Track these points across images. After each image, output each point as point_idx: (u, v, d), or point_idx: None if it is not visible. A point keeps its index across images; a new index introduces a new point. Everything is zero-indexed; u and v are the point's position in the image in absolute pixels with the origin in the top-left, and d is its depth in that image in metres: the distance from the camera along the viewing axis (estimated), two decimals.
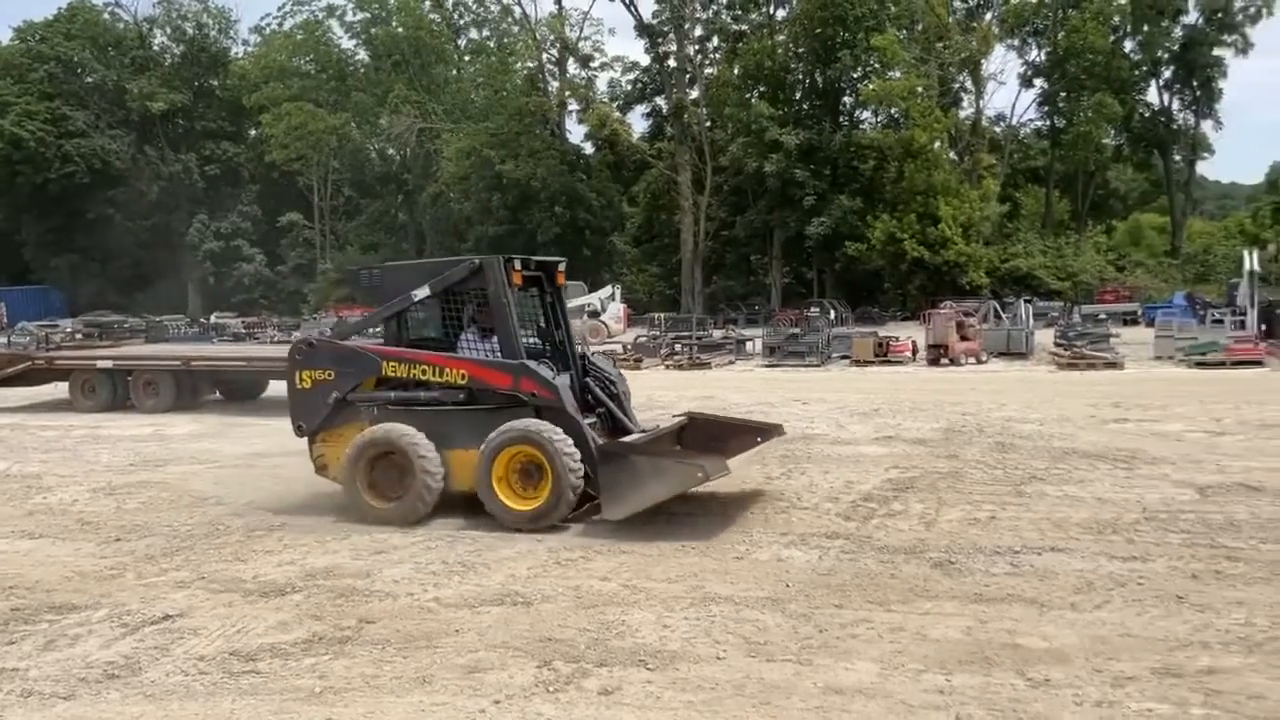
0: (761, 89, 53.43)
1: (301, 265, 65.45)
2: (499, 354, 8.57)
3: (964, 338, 24.47)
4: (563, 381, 8.48)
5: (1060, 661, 5.04)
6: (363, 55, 65.58)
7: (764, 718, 4.56)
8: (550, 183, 53.72)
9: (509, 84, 60.90)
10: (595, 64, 60.15)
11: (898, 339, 25.94)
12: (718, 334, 33.23)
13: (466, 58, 67.33)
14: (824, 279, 53.46)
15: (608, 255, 58.44)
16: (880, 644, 5.37)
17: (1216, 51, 52.80)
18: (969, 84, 52.78)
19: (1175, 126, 55.79)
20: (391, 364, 8.68)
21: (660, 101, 59.20)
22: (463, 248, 60.26)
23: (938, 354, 23.99)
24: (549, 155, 55.09)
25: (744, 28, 55.69)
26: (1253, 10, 51.68)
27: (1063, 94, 52.03)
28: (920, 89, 47.17)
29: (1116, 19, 51.88)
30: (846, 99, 54.60)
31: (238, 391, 19.26)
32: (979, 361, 23.99)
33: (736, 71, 54.70)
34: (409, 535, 8.06)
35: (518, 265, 8.64)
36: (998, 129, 55.68)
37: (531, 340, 9.13)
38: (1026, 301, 33.17)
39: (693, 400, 16.35)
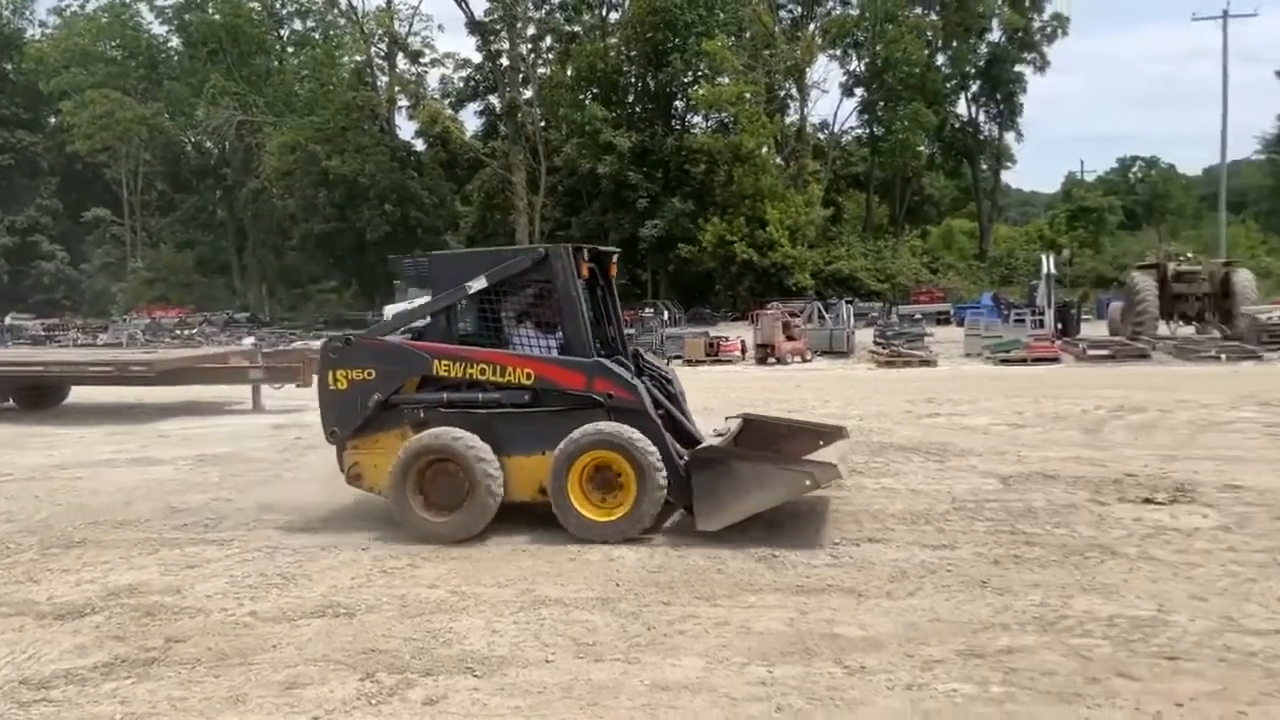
0: (595, 91, 53.81)
1: (110, 264, 61.78)
2: (563, 351, 7.95)
3: (790, 337, 25.34)
4: (640, 381, 7.89)
5: (875, 648, 5.25)
6: (176, 42, 62.17)
7: (592, 719, 4.56)
8: (380, 179, 52.49)
9: (335, 78, 58.99)
10: (425, 60, 59.29)
11: (728, 339, 26.60)
12: None
13: (290, 49, 64.83)
14: (658, 280, 54.28)
15: None
16: (706, 639, 5.45)
17: (1018, 68, 56.98)
18: (794, 91, 54.83)
19: (982, 137, 59.83)
20: (443, 363, 7.83)
21: (493, 100, 58.76)
22: (287, 245, 58.09)
23: (765, 353, 24.72)
24: (378, 151, 53.82)
25: (577, 29, 55.95)
26: (1049, 30, 56.35)
27: (881, 103, 54.79)
28: (748, 95, 48.58)
29: (930, 34, 54.96)
30: (678, 103, 55.75)
31: (36, 399, 17.94)
32: (804, 360, 24.86)
33: (570, 72, 54.91)
34: (224, 548, 7.67)
35: (585, 255, 8.03)
36: (821, 136, 58.13)
37: None
38: (848, 302, 34.47)
39: None
